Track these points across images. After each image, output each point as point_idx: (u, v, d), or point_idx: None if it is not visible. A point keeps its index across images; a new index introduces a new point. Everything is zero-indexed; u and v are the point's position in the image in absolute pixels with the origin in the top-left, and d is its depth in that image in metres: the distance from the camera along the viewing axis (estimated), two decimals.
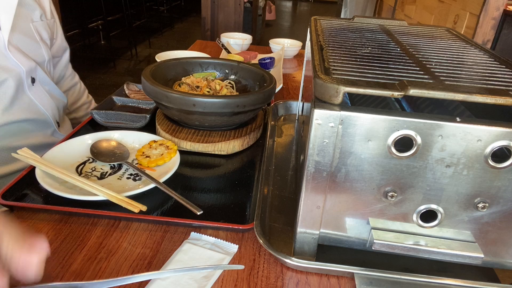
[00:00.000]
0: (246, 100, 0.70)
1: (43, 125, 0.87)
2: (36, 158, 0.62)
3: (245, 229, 0.56)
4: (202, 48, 1.62)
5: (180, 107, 0.69)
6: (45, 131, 0.88)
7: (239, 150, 0.77)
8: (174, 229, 0.56)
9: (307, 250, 0.51)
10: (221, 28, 3.33)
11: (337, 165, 0.44)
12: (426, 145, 0.42)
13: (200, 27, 3.46)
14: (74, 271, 0.48)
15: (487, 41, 2.02)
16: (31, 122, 0.83)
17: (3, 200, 0.57)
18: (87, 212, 0.56)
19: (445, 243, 0.47)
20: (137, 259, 0.51)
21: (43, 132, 0.87)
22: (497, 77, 0.49)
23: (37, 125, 0.86)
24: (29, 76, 0.82)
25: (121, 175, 0.65)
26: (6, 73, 0.77)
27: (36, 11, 0.87)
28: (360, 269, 0.49)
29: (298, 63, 1.50)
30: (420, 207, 0.46)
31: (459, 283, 0.48)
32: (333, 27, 0.72)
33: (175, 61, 0.89)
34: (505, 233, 0.46)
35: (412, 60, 0.53)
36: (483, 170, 0.43)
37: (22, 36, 0.82)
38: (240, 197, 0.63)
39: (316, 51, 0.56)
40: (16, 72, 0.79)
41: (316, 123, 0.42)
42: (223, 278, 0.49)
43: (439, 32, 0.74)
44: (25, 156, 0.62)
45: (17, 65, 0.79)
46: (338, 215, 0.48)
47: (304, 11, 9.05)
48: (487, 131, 0.41)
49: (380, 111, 0.42)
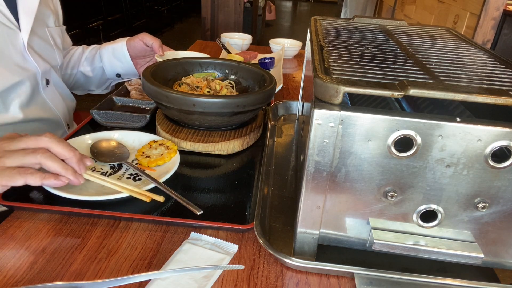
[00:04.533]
0: (246, 100, 0.70)
1: (55, 125, 0.91)
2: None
3: (245, 229, 0.56)
4: (202, 48, 1.62)
5: (180, 107, 0.69)
6: (56, 132, 0.91)
7: (239, 150, 0.77)
8: (174, 229, 0.56)
9: (307, 250, 0.51)
10: (221, 28, 3.33)
11: (337, 165, 0.44)
12: (426, 145, 0.42)
13: (200, 27, 3.46)
14: (74, 271, 0.48)
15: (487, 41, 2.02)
16: (44, 122, 0.87)
17: (3, 200, 0.57)
18: (87, 212, 0.56)
19: (445, 243, 0.47)
20: (137, 259, 0.51)
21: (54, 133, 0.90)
22: (497, 77, 0.49)
23: (50, 125, 0.89)
24: (44, 78, 0.86)
25: (121, 175, 0.65)
26: (24, 73, 0.80)
27: (50, 17, 0.90)
28: (360, 269, 0.49)
29: (298, 63, 1.50)
30: (420, 207, 0.46)
31: (459, 283, 0.48)
32: (333, 27, 0.72)
33: (175, 61, 0.89)
34: (505, 233, 0.46)
35: (412, 60, 0.53)
36: (483, 170, 0.43)
37: (38, 39, 0.85)
38: (240, 197, 0.63)
39: (316, 51, 0.56)
40: (33, 73, 0.82)
41: (316, 123, 0.42)
42: (223, 278, 0.49)
43: (439, 32, 0.74)
44: None
45: (35, 66, 0.82)
46: (338, 215, 0.48)
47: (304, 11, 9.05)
48: (487, 131, 0.41)
49: (380, 111, 0.42)
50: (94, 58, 1.05)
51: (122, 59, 1.02)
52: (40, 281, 0.46)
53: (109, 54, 1.03)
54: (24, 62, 0.80)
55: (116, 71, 1.05)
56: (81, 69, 1.06)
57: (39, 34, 0.85)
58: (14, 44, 0.78)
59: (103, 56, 1.04)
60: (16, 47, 0.78)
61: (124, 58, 1.02)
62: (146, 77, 0.74)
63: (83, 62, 1.05)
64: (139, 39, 1.00)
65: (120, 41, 1.02)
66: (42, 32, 0.87)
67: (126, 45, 1.01)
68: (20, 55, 0.79)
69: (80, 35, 4.42)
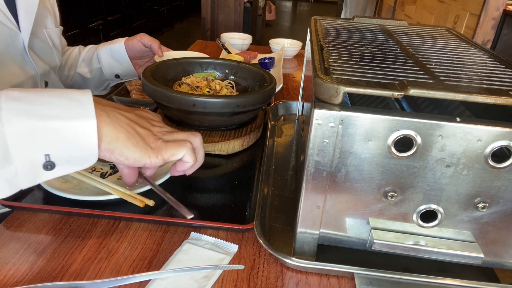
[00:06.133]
0: (246, 100, 0.70)
1: None
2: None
3: (245, 229, 0.56)
4: (202, 48, 1.62)
5: (180, 107, 0.69)
6: None
7: (239, 150, 0.77)
8: (174, 229, 0.56)
9: (307, 250, 0.51)
10: (221, 28, 3.33)
11: (337, 165, 0.44)
12: (426, 145, 0.42)
13: (200, 27, 3.46)
14: (74, 271, 0.48)
15: (487, 41, 2.02)
16: None
17: (3, 200, 0.57)
18: (87, 212, 0.56)
19: (445, 243, 0.47)
20: (137, 259, 0.51)
21: None
22: (497, 77, 0.49)
23: None
24: (43, 80, 0.85)
25: (121, 175, 0.65)
26: (24, 75, 0.79)
27: (48, 18, 0.90)
28: (360, 269, 0.49)
29: (298, 63, 1.50)
30: (420, 207, 0.46)
31: (459, 283, 0.48)
32: (333, 27, 0.72)
33: (175, 61, 0.89)
34: (505, 233, 0.46)
35: (412, 60, 0.53)
36: (483, 170, 0.43)
37: (38, 41, 0.85)
38: (240, 197, 0.63)
39: (316, 51, 0.56)
40: (32, 74, 0.81)
41: (316, 123, 0.42)
42: (223, 278, 0.49)
43: (439, 32, 0.74)
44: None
45: (34, 68, 0.82)
46: (338, 215, 0.48)
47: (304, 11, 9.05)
48: (487, 131, 0.41)
49: (380, 111, 0.42)
50: (92, 59, 1.04)
51: (121, 60, 1.02)
52: (40, 281, 0.46)
53: (107, 55, 1.02)
54: (23, 64, 0.80)
55: (114, 72, 1.05)
56: (78, 71, 1.05)
57: (38, 35, 0.85)
58: (14, 45, 0.77)
59: (101, 57, 1.03)
60: (16, 48, 0.78)
61: (123, 59, 1.01)
62: (146, 77, 0.74)
63: (80, 64, 1.04)
64: (137, 40, 0.99)
65: (118, 42, 1.02)
66: (41, 33, 0.87)
67: (124, 46, 1.01)
68: (20, 56, 0.79)
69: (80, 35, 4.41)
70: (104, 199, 0.57)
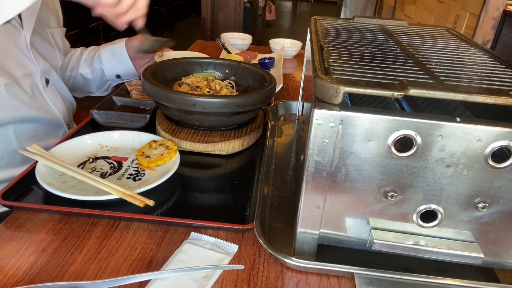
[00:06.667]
0: (246, 100, 0.70)
1: (55, 126, 0.90)
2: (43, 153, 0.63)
3: (245, 229, 0.56)
4: (202, 48, 1.62)
5: (180, 107, 0.69)
6: (56, 133, 0.91)
7: (239, 150, 0.77)
8: (174, 229, 0.56)
9: (307, 250, 0.51)
10: (221, 28, 3.33)
11: (337, 165, 0.44)
12: (426, 145, 0.42)
13: (200, 27, 3.46)
14: (74, 271, 0.48)
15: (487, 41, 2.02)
16: (45, 122, 0.86)
17: (3, 200, 0.57)
18: (87, 212, 0.56)
19: (445, 243, 0.47)
20: (137, 259, 0.51)
21: (54, 135, 0.90)
22: (497, 77, 0.49)
23: (50, 126, 0.89)
24: (43, 77, 0.86)
25: (121, 175, 0.65)
26: (25, 71, 0.80)
27: (51, 17, 0.91)
28: (360, 269, 0.49)
29: (298, 63, 1.50)
30: (420, 207, 0.46)
31: (459, 283, 0.48)
32: (333, 27, 0.72)
33: (175, 61, 0.89)
34: (505, 233, 0.46)
35: (412, 60, 0.53)
36: (483, 170, 0.43)
37: (39, 39, 0.85)
38: (240, 197, 0.63)
39: (316, 51, 0.56)
40: (32, 70, 0.82)
41: (316, 123, 0.42)
42: (223, 278, 0.49)
43: (439, 32, 0.74)
44: (32, 152, 0.63)
45: (34, 65, 0.82)
46: (338, 215, 0.48)
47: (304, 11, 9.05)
48: (487, 131, 0.41)
49: (380, 111, 0.42)
50: (93, 59, 1.05)
51: (122, 60, 1.02)
52: (40, 281, 0.46)
53: (108, 56, 1.03)
54: (24, 60, 0.80)
55: (116, 72, 1.05)
56: (80, 71, 1.05)
57: (40, 34, 0.86)
58: (17, 42, 0.78)
59: (102, 57, 1.04)
60: (18, 45, 0.79)
61: (124, 59, 1.02)
62: (146, 77, 0.74)
63: (82, 64, 1.05)
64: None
65: (119, 42, 1.03)
66: (44, 32, 0.88)
67: (125, 46, 1.01)
68: (21, 53, 0.80)
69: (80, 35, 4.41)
70: (104, 199, 0.57)
